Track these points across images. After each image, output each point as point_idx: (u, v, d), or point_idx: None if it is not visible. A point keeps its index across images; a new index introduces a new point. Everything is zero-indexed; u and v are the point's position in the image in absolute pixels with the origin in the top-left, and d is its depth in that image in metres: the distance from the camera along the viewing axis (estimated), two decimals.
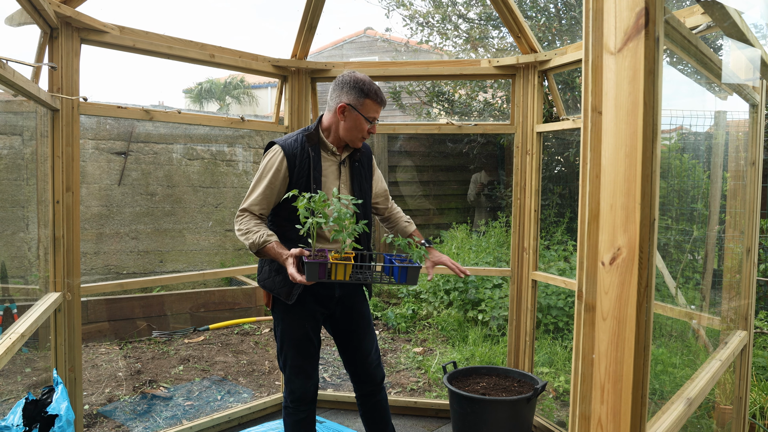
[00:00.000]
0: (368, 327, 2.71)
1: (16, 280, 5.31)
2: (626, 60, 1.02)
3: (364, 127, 2.50)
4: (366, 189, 2.65)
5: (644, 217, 0.99)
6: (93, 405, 3.82)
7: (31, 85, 2.23)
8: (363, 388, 2.74)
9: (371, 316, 2.77)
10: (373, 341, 2.74)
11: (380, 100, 2.53)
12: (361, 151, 2.64)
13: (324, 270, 2.23)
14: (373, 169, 2.74)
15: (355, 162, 2.61)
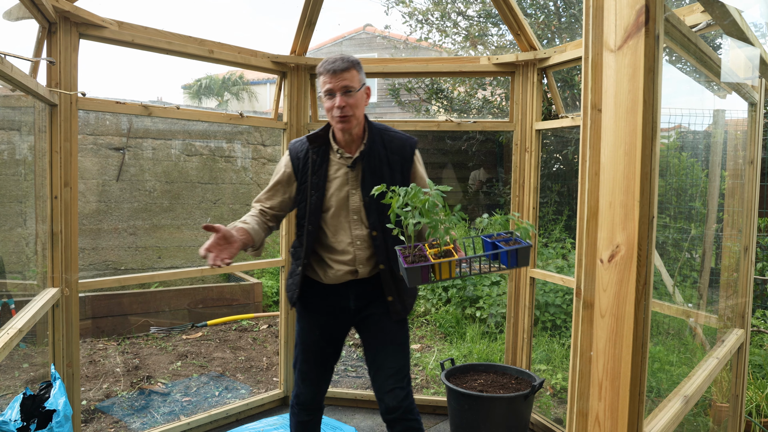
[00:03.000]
0: (391, 346, 2.40)
1: (14, 275, 5.30)
2: (626, 57, 1.02)
3: (329, 106, 2.27)
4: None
5: (643, 215, 0.99)
6: (91, 400, 3.82)
7: (29, 79, 2.22)
8: (381, 412, 2.43)
9: (400, 334, 2.42)
10: (395, 364, 2.38)
11: (325, 69, 2.26)
12: (386, 148, 2.36)
13: (427, 273, 1.95)
14: (410, 168, 2.39)
15: (371, 159, 2.33)
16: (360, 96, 2.27)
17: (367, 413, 3.59)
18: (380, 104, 15.90)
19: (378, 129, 2.40)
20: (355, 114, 2.26)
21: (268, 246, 7.21)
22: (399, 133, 2.43)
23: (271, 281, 6.58)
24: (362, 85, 2.30)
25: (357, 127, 2.32)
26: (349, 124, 2.27)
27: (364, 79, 2.35)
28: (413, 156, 2.40)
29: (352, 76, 2.25)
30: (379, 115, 15.07)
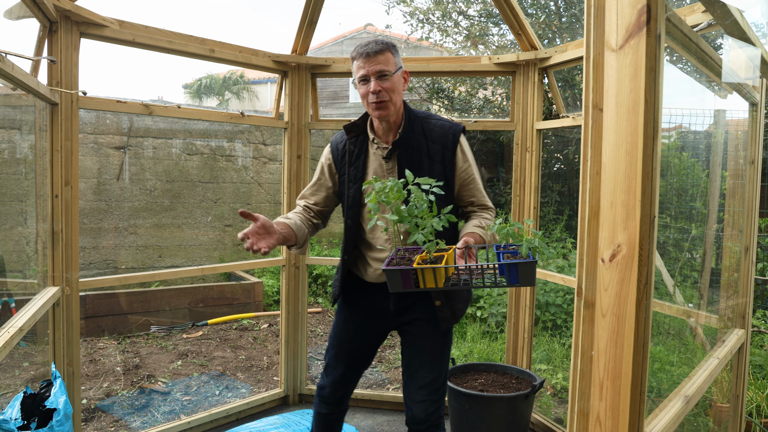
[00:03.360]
0: (429, 355, 2.24)
1: (15, 274, 5.30)
2: (628, 57, 1.02)
3: (363, 92, 2.14)
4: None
5: (644, 215, 0.99)
6: (91, 399, 3.82)
7: (30, 78, 2.22)
8: (407, 420, 2.31)
9: (440, 344, 2.24)
10: (429, 375, 2.23)
11: (358, 52, 2.13)
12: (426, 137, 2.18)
13: (409, 278, 1.71)
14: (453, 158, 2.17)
15: (408, 149, 2.18)
16: (396, 80, 2.13)
17: (368, 413, 3.59)
18: None
19: (419, 117, 2.23)
20: (391, 99, 2.12)
21: None
22: (443, 120, 2.24)
23: (271, 280, 6.58)
24: (398, 69, 2.15)
25: (395, 115, 2.17)
26: (386, 110, 2.12)
27: (401, 62, 2.19)
28: (456, 145, 2.17)
29: (386, 59, 2.10)
30: None
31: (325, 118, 3.79)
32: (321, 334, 5.51)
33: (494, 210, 2.20)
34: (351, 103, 16.63)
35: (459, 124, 2.22)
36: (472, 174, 2.19)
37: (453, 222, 1.95)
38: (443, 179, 2.12)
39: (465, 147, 2.21)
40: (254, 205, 7.27)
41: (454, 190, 2.19)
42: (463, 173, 2.18)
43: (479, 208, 2.20)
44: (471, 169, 2.18)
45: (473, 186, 2.20)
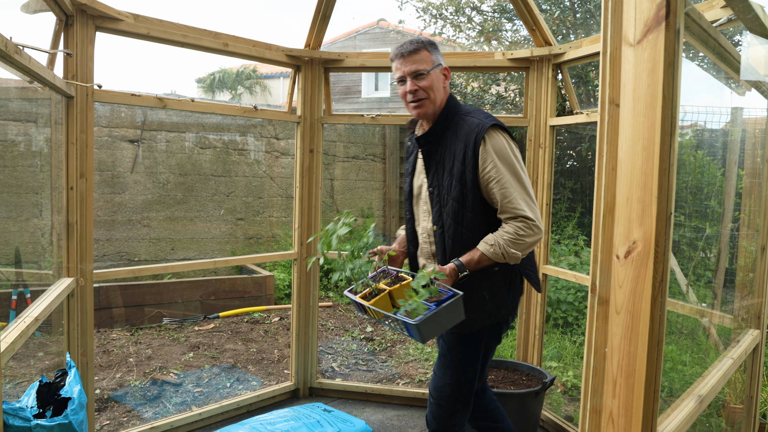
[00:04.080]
0: (442, 359, 2.25)
1: (30, 265, 5.36)
2: (645, 52, 1.01)
3: (402, 93, 2.17)
4: (448, 180, 2.12)
5: (660, 211, 0.98)
6: (104, 389, 3.86)
7: (46, 71, 2.24)
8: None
9: (455, 351, 2.20)
10: (438, 381, 2.24)
11: (394, 54, 2.16)
12: (456, 134, 2.13)
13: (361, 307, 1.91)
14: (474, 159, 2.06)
15: (435, 146, 2.18)
16: (434, 77, 2.13)
17: (378, 407, 3.60)
18: (393, 99, 15.87)
19: (460, 113, 2.17)
20: (429, 97, 2.12)
21: (281, 239, 7.24)
22: (475, 116, 2.12)
23: (283, 274, 6.61)
24: (436, 66, 2.14)
25: (433, 112, 2.17)
26: (424, 108, 2.13)
27: (440, 59, 2.18)
28: (478, 145, 2.05)
29: (421, 57, 2.11)
30: (392, 110, 15.06)
31: (338, 113, 3.79)
32: (332, 328, 5.53)
33: (525, 220, 2.00)
34: (363, 98, 16.62)
35: (488, 122, 2.08)
36: (495, 177, 2.03)
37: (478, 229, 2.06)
38: (462, 181, 2.08)
39: (491, 146, 2.05)
40: (266, 199, 7.29)
41: (483, 192, 2.09)
42: (485, 176, 2.06)
43: (505, 219, 2.05)
44: (494, 172, 2.03)
45: (497, 191, 2.04)
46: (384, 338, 5.20)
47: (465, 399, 2.23)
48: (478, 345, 2.20)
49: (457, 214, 2.10)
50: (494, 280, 2.12)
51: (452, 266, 2.05)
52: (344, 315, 6.01)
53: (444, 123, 2.16)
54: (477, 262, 2.05)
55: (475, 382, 2.24)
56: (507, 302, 2.15)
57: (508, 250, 2.00)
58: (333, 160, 7.88)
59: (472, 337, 2.18)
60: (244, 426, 3.04)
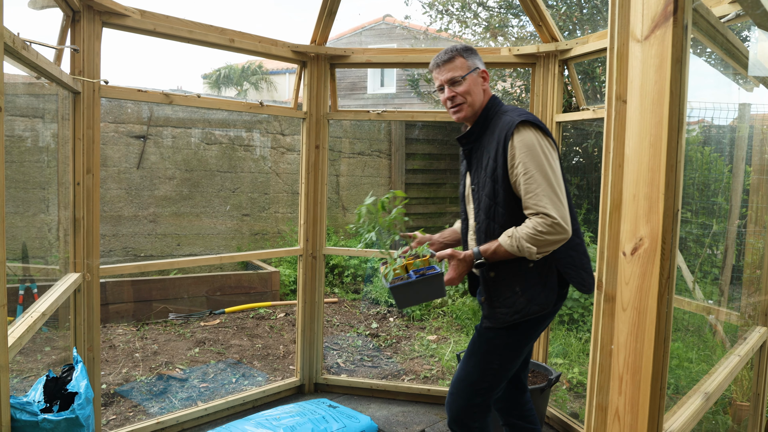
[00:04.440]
0: (470, 346, 2.31)
1: (37, 260, 5.39)
2: (653, 48, 1.00)
3: (442, 101, 2.26)
4: (483, 177, 2.18)
5: (668, 208, 0.98)
6: (110, 384, 3.88)
7: (53, 67, 2.24)
8: None
9: (478, 343, 2.27)
10: (459, 372, 2.29)
11: (431, 65, 2.27)
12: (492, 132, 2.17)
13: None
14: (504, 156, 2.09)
15: (474, 145, 2.25)
16: (470, 81, 2.20)
17: (383, 403, 3.61)
18: (399, 95, 15.86)
19: (498, 112, 2.22)
20: (467, 101, 2.20)
21: (286, 235, 7.25)
22: (510, 114, 2.16)
23: (288, 270, 6.62)
24: (471, 71, 2.21)
25: (473, 115, 2.24)
26: (463, 112, 2.22)
27: (476, 63, 2.24)
28: (508, 141, 2.07)
29: (455, 65, 2.20)
30: (398, 106, 15.04)
31: (344, 109, 3.79)
32: (337, 324, 5.54)
33: (545, 217, 1.98)
34: (369, 94, 16.61)
35: (518, 118, 2.09)
36: (521, 172, 2.04)
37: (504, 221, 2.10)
38: (494, 177, 2.12)
39: (518, 142, 2.06)
40: (272, 195, 7.30)
41: (513, 188, 2.10)
42: (513, 171, 2.07)
43: (528, 214, 2.04)
44: (521, 167, 2.04)
45: (522, 186, 2.04)
46: (389, 334, 5.21)
47: (485, 392, 2.21)
48: (507, 338, 2.20)
49: (489, 209, 2.15)
50: (529, 275, 2.12)
51: (469, 252, 2.14)
52: (349, 311, 6.02)
53: (484, 123, 2.22)
54: (493, 252, 2.08)
55: (500, 379, 2.22)
56: (539, 299, 2.13)
57: (522, 244, 2.00)
58: (339, 156, 7.88)
59: (503, 330, 2.19)
60: (250, 421, 3.05)
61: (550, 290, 2.15)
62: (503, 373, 2.23)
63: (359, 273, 6.90)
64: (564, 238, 2.01)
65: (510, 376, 2.27)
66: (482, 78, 2.24)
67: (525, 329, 2.20)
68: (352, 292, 6.65)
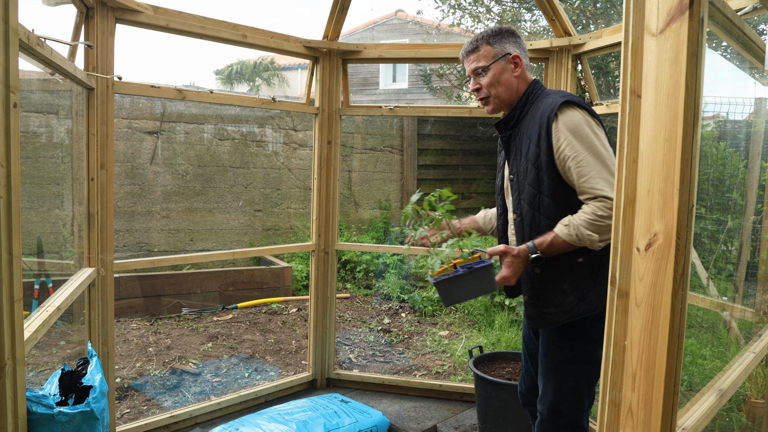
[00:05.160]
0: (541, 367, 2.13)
1: (52, 255, 5.45)
2: (668, 42, 0.99)
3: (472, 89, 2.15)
4: (525, 165, 2.03)
5: (682, 203, 0.97)
6: (124, 378, 3.92)
7: (67, 63, 2.26)
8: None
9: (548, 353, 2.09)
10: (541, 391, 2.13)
11: (460, 55, 2.15)
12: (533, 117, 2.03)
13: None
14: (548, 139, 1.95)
15: (513, 132, 2.11)
16: (496, 71, 2.06)
17: (395, 398, 3.61)
18: (411, 90, 15.83)
19: (539, 96, 2.08)
20: (491, 93, 2.08)
21: (299, 230, 7.27)
22: (551, 96, 2.02)
23: (300, 265, 6.64)
24: (499, 58, 2.06)
25: (507, 104, 2.11)
26: (491, 105, 2.11)
27: (506, 48, 2.08)
28: (551, 123, 1.93)
29: (479, 55, 2.07)
30: (410, 101, 15.01)
31: (356, 105, 3.79)
32: (349, 319, 5.55)
33: (604, 200, 1.83)
34: (381, 90, 16.59)
35: (561, 99, 1.95)
36: (570, 155, 1.89)
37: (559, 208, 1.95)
38: (537, 164, 1.97)
39: (563, 124, 1.92)
40: (284, 190, 7.32)
41: (561, 174, 1.96)
42: (560, 155, 1.92)
43: (584, 200, 1.89)
44: (569, 150, 1.89)
45: (573, 170, 1.89)
46: (401, 330, 5.21)
47: (570, 412, 2.05)
48: (573, 348, 2.04)
49: (533, 199, 2.00)
50: (577, 271, 1.97)
51: (523, 247, 1.96)
52: (361, 306, 6.04)
53: (523, 108, 2.07)
54: (550, 244, 1.92)
55: (583, 394, 2.06)
56: (590, 296, 1.97)
57: (582, 232, 1.84)
58: (351, 151, 7.88)
59: (570, 339, 2.03)
60: (263, 416, 3.07)
61: (602, 286, 1.95)
62: (583, 390, 2.05)
63: (371, 269, 6.91)
64: None
65: (594, 390, 2.07)
66: (514, 64, 2.08)
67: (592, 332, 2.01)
68: (364, 288, 6.66)
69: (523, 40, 2.16)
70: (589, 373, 2.04)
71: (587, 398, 2.07)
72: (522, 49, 2.12)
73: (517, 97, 2.10)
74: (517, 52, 2.10)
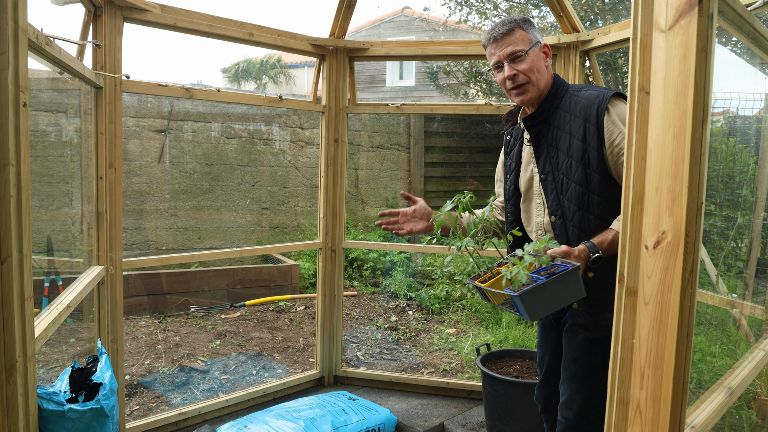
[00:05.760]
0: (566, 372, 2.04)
1: (61, 253, 5.48)
2: (677, 38, 0.98)
3: (500, 80, 1.98)
4: (567, 162, 1.90)
5: (691, 201, 0.96)
6: (134, 375, 3.94)
7: (76, 62, 2.27)
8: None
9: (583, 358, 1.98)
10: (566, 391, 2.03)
11: (486, 39, 1.98)
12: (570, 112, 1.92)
13: (482, 292, 1.78)
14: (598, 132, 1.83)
15: (546, 127, 1.98)
16: (534, 57, 1.93)
17: (402, 395, 3.62)
18: (418, 88, 15.80)
19: (569, 90, 1.98)
20: (531, 80, 1.93)
21: (306, 228, 7.28)
22: (591, 90, 1.92)
23: (308, 263, 6.66)
24: (534, 44, 1.94)
25: (538, 96, 1.98)
26: (527, 93, 1.95)
27: (538, 36, 1.97)
28: (602, 117, 1.81)
29: (516, 38, 1.92)
30: (417, 99, 14.99)
31: (363, 102, 3.78)
32: (356, 317, 5.56)
33: None
34: (388, 87, 16.57)
35: (610, 90, 1.85)
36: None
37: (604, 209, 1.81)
38: (584, 160, 1.85)
39: (616, 117, 1.81)
40: (291, 188, 7.34)
41: (611, 171, 1.84)
42: (615, 149, 1.81)
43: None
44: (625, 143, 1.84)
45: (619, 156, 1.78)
46: (408, 328, 5.21)
47: (597, 419, 1.94)
48: (606, 355, 1.93)
49: (582, 198, 1.86)
50: None
51: (582, 247, 1.77)
52: (368, 304, 6.04)
53: (554, 102, 1.96)
54: (611, 243, 1.77)
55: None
56: None
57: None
58: (358, 149, 7.89)
59: (603, 344, 1.89)
60: (271, 413, 3.08)
61: None
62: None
63: (378, 266, 6.91)
64: None
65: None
66: (544, 53, 1.98)
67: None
68: (372, 286, 6.66)
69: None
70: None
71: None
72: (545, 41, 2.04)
73: (546, 89, 1.99)
74: (545, 42, 2.01)
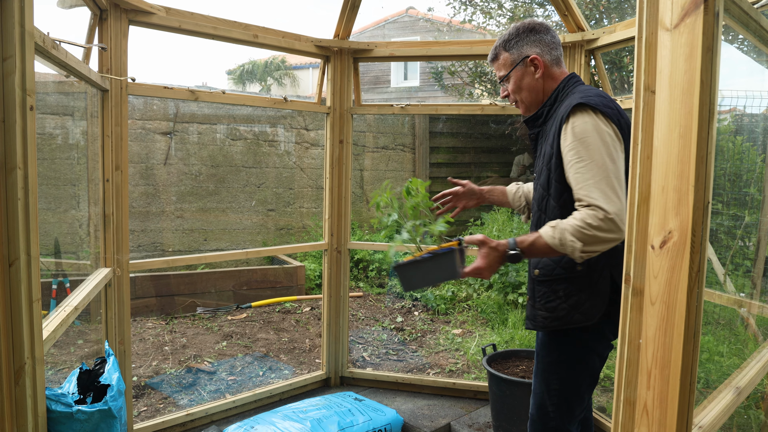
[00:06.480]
0: (534, 368, 2.15)
1: (69, 255, 5.51)
2: (683, 36, 0.98)
3: (501, 96, 2.17)
4: (540, 166, 2.01)
5: (698, 200, 0.96)
6: (141, 377, 3.96)
7: (82, 65, 2.28)
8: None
9: (539, 354, 2.11)
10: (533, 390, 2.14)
11: (489, 58, 2.15)
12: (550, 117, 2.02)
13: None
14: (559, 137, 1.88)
15: (539, 134, 2.09)
16: (516, 77, 2.04)
17: (408, 396, 3.61)
18: (423, 88, 15.80)
19: (568, 94, 1.99)
20: (519, 98, 2.08)
21: (311, 229, 7.29)
22: (575, 95, 1.92)
23: (313, 264, 6.66)
24: (517, 63, 2.02)
25: (535, 106, 2.08)
26: (522, 107, 2.11)
27: (524, 51, 2.02)
28: (563, 124, 1.86)
29: (500, 63, 2.08)
30: (422, 99, 14.99)
31: (367, 103, 3.79)
32: (362, 318, 5.56)
33: (597, 209, 1.71)
34: (392, 88, 16.58)
35: (577, 100, 1.85)
36: (572, 160, 1.80)
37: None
38: (549, 165, 1.92)
39: (571, 127, 1.83)
40: (296, 190, 7.35)
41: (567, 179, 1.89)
42: (565, 158, 1.85)
43: (579, 207, 1.76)
44: (571, 155, 1.80)
45: (572, 175, 1.81)
46: (414, 328, 5.21)
47: (557, 416, 2.03)
48: (561, 352, 2.03)
49: (541, 201, 1.98)
50: (575, 280, 1.91)
51: (503, 241, 1.87)
52: (374, 305, 6.04)
53: (552, 106, 2.02)
54: (531, 244, 1.82)
55: (570, 399, 2.03)
56: (584, 307, 1.90)
57: (565, 237, 1.73)
58: (363, 150, 7.89)
59: (557, 342, 2.02)
60: (277, 414, 3.09)
61: (599, 299, 1.90)
62: (569, 395, 2.02)
63: (384, 267, 6.91)
64: (616, 239, 1.71)
65: (584, 397, 2.05)
66: (533, 66, 2.02)
67: (587, 342, 1.98)
68: (377, 286, 6.66)
69: (549, 32, 2.06)
70: (578, 378, 2.01)
71: (577, 405, 2.03)
72: (544, 45, 2.03)
73: (544, 97, 2.05)
74: (536, 51, 2.02)
